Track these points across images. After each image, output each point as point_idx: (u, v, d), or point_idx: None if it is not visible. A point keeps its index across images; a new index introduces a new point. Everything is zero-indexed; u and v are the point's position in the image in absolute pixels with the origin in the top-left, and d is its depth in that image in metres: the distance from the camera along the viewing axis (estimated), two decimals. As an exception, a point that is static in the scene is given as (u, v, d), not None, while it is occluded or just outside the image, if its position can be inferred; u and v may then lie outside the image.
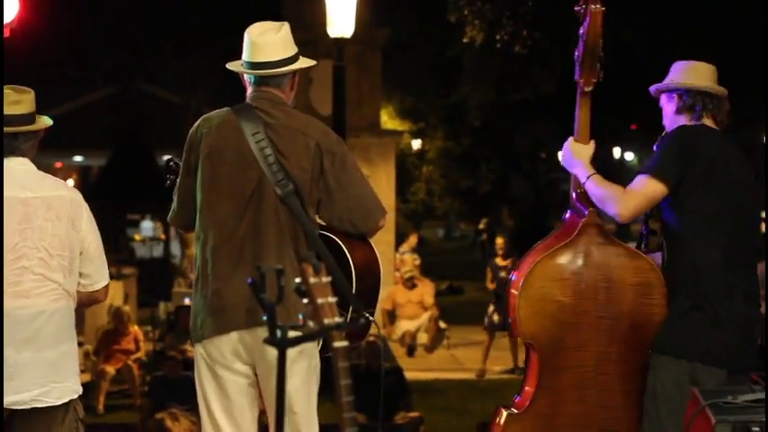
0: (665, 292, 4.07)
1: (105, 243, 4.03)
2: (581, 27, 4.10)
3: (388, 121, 22.93)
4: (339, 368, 2.48)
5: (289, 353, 2.55)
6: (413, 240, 18.12)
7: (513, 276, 4.20)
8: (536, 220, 24.31)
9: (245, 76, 3.96)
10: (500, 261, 12.97)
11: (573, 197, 4.25)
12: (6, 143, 3.84)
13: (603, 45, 4.10)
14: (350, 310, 3.73)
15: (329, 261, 3.72)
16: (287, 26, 3.92)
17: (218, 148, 3.85)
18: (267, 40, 3.85)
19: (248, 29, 3.90)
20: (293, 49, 3.92)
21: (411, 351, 13.37)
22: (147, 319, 13.21)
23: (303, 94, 12.57)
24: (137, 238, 24.08)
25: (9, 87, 3.89)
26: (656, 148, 4.16)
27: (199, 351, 3.89)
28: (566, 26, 4.34)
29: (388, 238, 13.97)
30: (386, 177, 14.38)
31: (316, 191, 3.83)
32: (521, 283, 4.10)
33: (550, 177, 27.15)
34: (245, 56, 3.91)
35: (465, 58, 17.84)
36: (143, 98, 23.86)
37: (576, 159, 4.18)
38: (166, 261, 21.13)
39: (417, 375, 11.33)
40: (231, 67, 3.99)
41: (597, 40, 4.08)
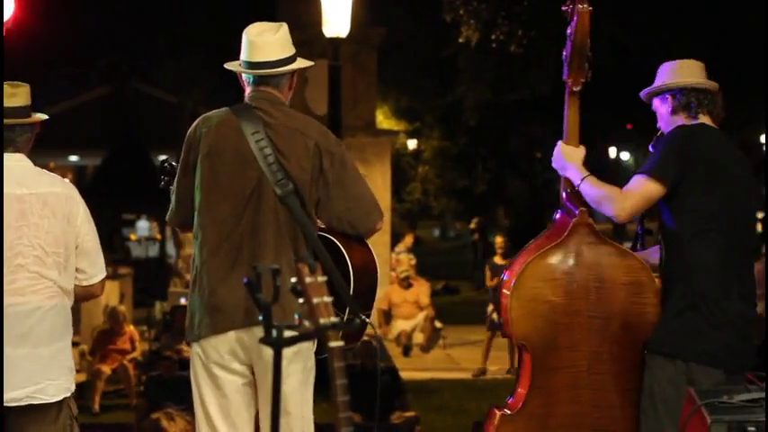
0: (657, 291, 4.07)
1: (101, 243, 4.03)
2: (568, 27, 4.09)
3: (383, 120, 22.90)
4: (335, 368, 2.48)
5: (285, 354, 2.56)
6: (408, 240, 18.07)
7: (505, 276, 4.20)
8: (532, 219, 24.28)
9: (243, 76, 3.96)
10: (498, 260, 12.95)
11: (563, 197, 4.24)
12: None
13: (599, 45, 4.10)
14: (347, 311, 3.73)
15: (327, 261, 3.72)
16: (285, 26, 3.92)
17: (217, 148, 3.85)
18: (266, 40, 3.85)
19: (247, 29, 3.90)
20: (291, 50, 3.92)
21: (407, 351, 13.34)
22: (143, 319, 13.20)
23: (299, 93, 12.53)
24: (132, 237, 23.99)
25: (4, 83, 3.90)
26: (651, 149, 4.16)
27: (195, 350, 3.88)
28: (561, 26, 4.33)
29: (384, 239, 13.92)
30: (381, 177, 14.34)
31: (315, 191, 3.84)
32: (512, 284, 4.09)
33: (546, 177, 27.06)
34: (243, 55, 3.91)
35: (461, 58, 17.85)
36: (138, 98, 23.87)
37: (569, 162, 4.17)
38: (162, 261, 21.08)
39: (413, 375, 11.31)
40: (229, 66, 3.99)
41: (585, 40, 4.07)
